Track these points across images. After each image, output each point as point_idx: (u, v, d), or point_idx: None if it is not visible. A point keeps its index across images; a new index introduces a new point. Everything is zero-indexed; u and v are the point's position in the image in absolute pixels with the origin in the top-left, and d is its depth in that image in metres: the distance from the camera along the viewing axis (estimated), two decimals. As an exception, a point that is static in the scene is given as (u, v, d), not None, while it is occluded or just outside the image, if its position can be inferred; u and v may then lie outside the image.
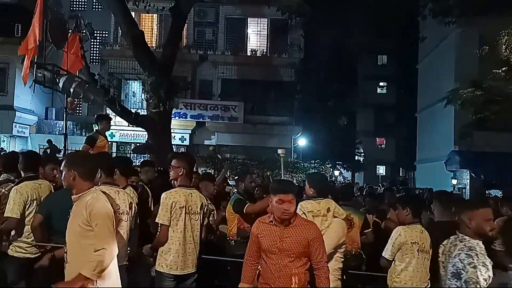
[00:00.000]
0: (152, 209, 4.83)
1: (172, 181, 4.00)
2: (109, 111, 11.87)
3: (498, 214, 6.55)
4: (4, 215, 3.73)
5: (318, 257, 3.08)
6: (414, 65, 26.29)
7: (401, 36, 26.60)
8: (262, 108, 19.54)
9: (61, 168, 3.01)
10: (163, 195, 3.82)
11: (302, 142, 22.44)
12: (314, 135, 25.28)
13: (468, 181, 18.73)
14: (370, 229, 5.29)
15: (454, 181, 18.75)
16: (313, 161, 20.27)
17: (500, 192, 15.52)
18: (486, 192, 16.25)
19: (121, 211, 3.66)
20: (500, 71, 12.82)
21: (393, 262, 3.84)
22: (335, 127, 27.21)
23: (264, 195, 6.66)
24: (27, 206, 3.75)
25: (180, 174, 3.83)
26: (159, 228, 3.82)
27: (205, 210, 3.99)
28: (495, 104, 13.78)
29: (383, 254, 3.89)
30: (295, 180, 17.17)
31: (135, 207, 3.84)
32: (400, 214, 3.97)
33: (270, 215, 3.18)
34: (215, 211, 5.28)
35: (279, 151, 7.06)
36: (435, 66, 22.12)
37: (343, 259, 3.91)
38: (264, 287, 3.09)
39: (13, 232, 3.88)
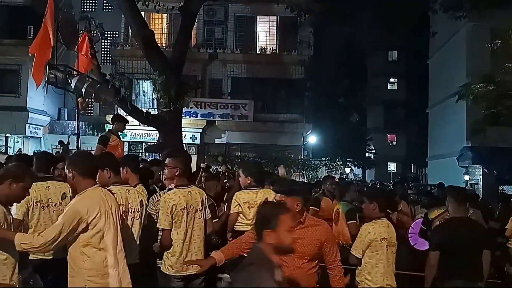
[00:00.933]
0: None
1: (165, 180, 3.90)
2: (120, 110, 11.96)
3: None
4: None
5: (332, 257, 3.03)
6: (425, 61, 26.05)
7: (411, 32, 26.30)
8: (272, 106, 19.53)
9: (65, 170, 3.08)
10: (162, 198, 3.75)
11: (312, 139, 22.40)
12: (325, 132, 25.22)
13: (481, 177, 18.55)
14: (354, 221, 5.28)
15: (467, 177, 18.58)
16: (324, 159, 20.23)
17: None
18: (499, 188, 16.08)
19: (132, 210, 3.69)
20: (513, 65, 12.65)
21: (363, 258, 3.75)
22: (346, 124, 27.09)
23: None
24: (31, 208, 3.70)
25: (176, 174, 3.74)
26: (160, 232, 3.75)
27: (206, 205, 3.94)
28: (508, 99, 13.63)
29: (352, 252, 3.77)
30: (305, 178, 17.17)
31: (146, 204, 3.86)
32: (367, 208, 3.85)
33: None
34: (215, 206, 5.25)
35: (280, 171, 6.81)
36: (446, 61, 21.90)
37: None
38: None
39: None
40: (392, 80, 36.03)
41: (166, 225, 3.66)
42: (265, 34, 19.73)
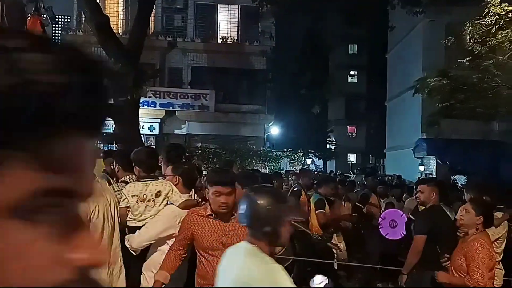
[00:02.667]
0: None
1: (119, 172, 3.92)
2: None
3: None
4: None
5: None
6: (384, 54, 26.65)
7: (371, 25, 26.78)
8: (234, 97, 19.34)
9: None
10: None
11: (274, 130, 22.44)
12: (287, 123, 25.36)
13: (435, 167, 19.29)
14: (322, 210, 5.43)
15: (422, 168, 19.27)
16: (286, 150, 20.34)
17: (465, 178, 16.06)
18: (452, 178, 16.77)
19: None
20: (464, 60, 13.13)
21: None
22: (307, 115, 27.34)
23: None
24: None
25: (117, 171, 3.80)
26: None
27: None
28: (460, 93, 14.12)
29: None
30: (267, 169, 17.18)
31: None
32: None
33: (206, 207, 2.92)
34: None
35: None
36: (404, 56, 22.49)
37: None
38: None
39: None
40: (352, 73, 36.68)
41: None
42: (226, 23, 19.44)
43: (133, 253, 3.20)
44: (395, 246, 5.99)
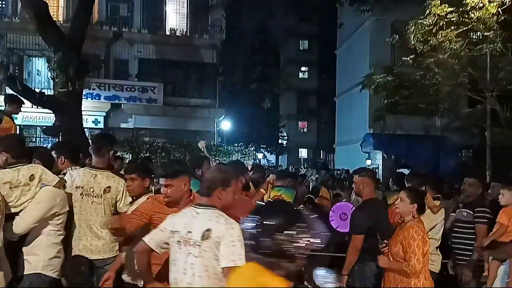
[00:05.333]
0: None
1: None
2: (9, 90, 10.72)
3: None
4: None
5: None
6: (334, 51, 27.17)
7: (321, 22, 27.27)
8: (183, 90, 18.97)
9: None
10: None
11: (225, 125, 22.26)
12: (238, 118, 25.28)
13: (381, 161, 19.98)
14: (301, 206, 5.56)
15: (369, 162, 19.88)
16: (237, 145, 20.25)
17: (408, 171, 16.78)
18: (397, 171, 17.46)
19: None
20: (408, 58, 13.60)
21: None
22: (259, 110, 27.39)
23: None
24: None
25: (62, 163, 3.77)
26: None
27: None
28: (404, 89, 14.68)
29: None
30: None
31: None
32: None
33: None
34: None
35: (200, 144, 6.91)
36: (352, 52, 23.04)
37: (60, 232, 3.30)
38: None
39: None
40: (303, 68, 37.18)
41: None
42: (175, 14, 18.96)
43: (13, 239, 3.14)
44: (346, 237, 6.10)
